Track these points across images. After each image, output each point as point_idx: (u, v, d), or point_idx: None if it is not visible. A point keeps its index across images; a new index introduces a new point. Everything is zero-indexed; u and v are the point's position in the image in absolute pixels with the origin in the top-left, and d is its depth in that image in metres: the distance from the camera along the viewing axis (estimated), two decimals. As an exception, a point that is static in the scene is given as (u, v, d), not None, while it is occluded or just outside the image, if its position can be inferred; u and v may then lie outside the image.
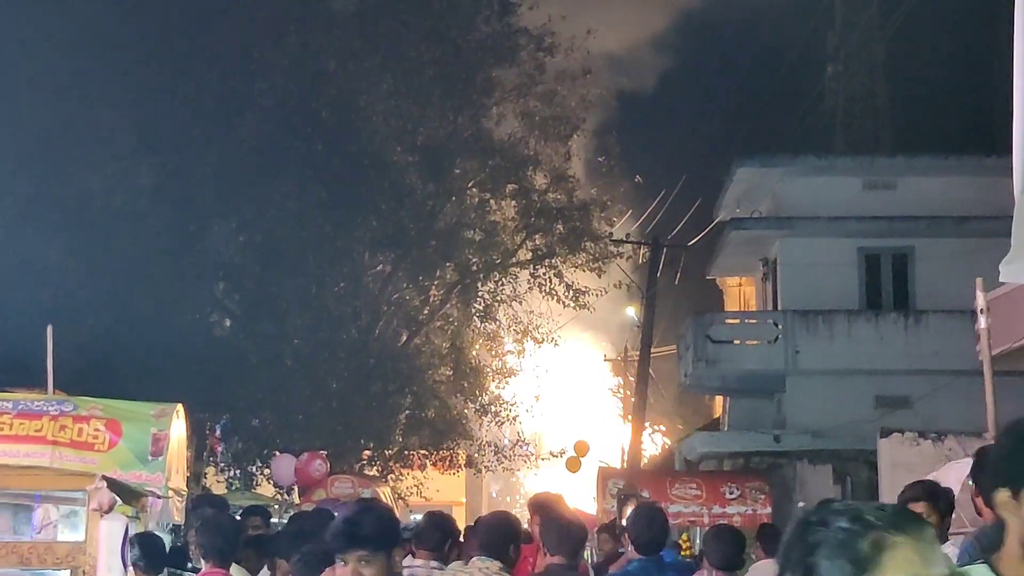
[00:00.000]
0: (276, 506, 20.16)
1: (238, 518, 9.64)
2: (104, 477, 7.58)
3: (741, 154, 27.19)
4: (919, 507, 6.99)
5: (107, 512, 7.51)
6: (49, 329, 10.72)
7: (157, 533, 8.78)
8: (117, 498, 7.62)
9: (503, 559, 7.73)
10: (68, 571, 7.51)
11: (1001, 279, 7.43)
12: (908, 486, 7.43)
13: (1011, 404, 9.05)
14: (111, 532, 7.58)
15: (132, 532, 7.82)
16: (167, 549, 8.91)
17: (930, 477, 10.71)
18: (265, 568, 8.04)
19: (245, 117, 26.49)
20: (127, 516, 8.04)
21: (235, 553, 7.37)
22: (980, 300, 9.42)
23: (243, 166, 25.92)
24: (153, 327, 23.92)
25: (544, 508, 9.23)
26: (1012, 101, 6.68)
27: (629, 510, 12.71)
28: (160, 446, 8.99)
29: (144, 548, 7.91)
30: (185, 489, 10.20)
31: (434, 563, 7.79)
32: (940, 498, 6.87)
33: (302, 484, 18.75)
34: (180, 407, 9.43)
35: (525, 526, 9.05)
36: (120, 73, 24.91)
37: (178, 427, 9.40)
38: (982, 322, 9.41)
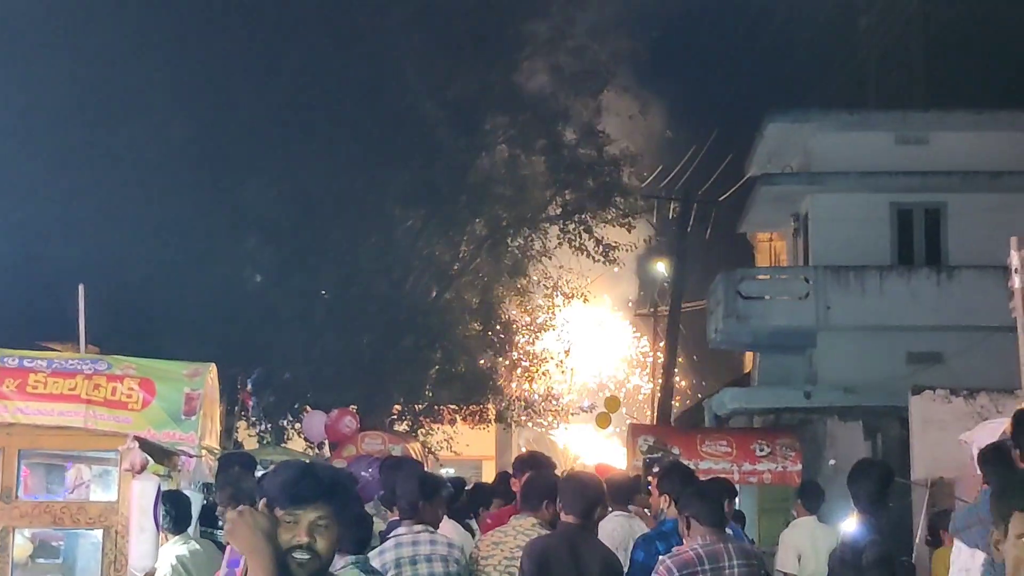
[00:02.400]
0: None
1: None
2: (136, 437, 7.62)
3: (772, 109, 26.98)
4: None
5: (139, 472, 7.55)
6: (81, 288, 10.79)
7: (188, 492, 8.82)
8: (149, 458, 7.66)
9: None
10: (100, 531, 7.54)
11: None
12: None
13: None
14: (143, 492, 7.63)
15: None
16: (199, 508, 8.96)
17: (964, 437, 10.70)
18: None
19: (278, 73, 26.44)
20: (159, 475, 8.09)
21: None
22: (1014, 258, 9.39)
23: (276, 121, 25.90)
24: (185, 282, 24.01)
25: (532, 466, 9.27)
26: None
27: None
28: (193, 405, 9.05)
29: (169, 506, 7.96)
30: (218, 447, 10.26)
31: (418, 527, 7.83)
32: None
33: (332, 440, 18.82)
34: (213, 367, 9.48)
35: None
36: (153, 28, 24.89)
37: (211, 386, 9.45)
38: (1016, 281, 9.37)
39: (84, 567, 8.19)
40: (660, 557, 7.08)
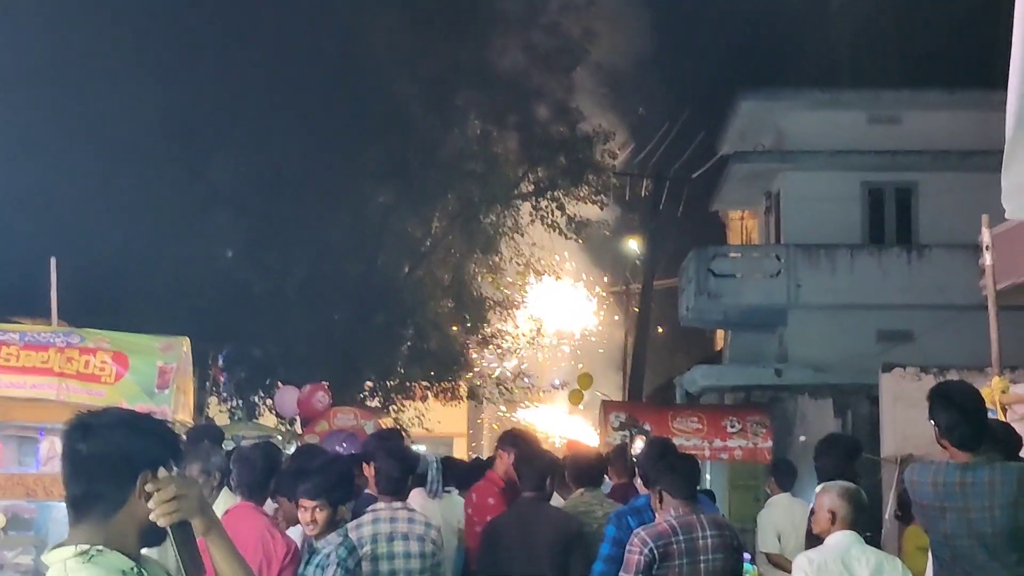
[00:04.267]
0: (280, 437, 20.24)
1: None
2: (110, 410, 7.57)
3: (745, 87, 27.02)
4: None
5: (114, 444, 7.50)
6: (52, 261, 10.73)
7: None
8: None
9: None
10: (74, 503, 7.49)
11: (1007, 216, 7.44)
12: None
13: (1014, 339, 9.07)
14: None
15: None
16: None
17: (933, 412, 10.74)
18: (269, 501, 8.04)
19: (249, 48, 26.31)
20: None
21: (268, 487, 7.31)
22: (985, 236, 9.40)
23: (247, 98, 25.79)
24: (156, 258, 23.91)
25: (517, 443, 9.33)
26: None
27: (639, 444, 12.79)
28: (166, 379, 9.03)
29: None
30: (191, 421, 10.23)
31: (397, 503, 7.85)
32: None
33: (305, 416, 18.77)
34: (186, 340, 9.44)
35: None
36: (123, 1, 24.73)
37: (184, 360, 9.42)
38: (987, 258, 9.39)
39: (57, 539, 8.13)
40: (635, 530, 7.15)
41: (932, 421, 5.96)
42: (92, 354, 8.93)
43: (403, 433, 10.26)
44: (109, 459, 3.30)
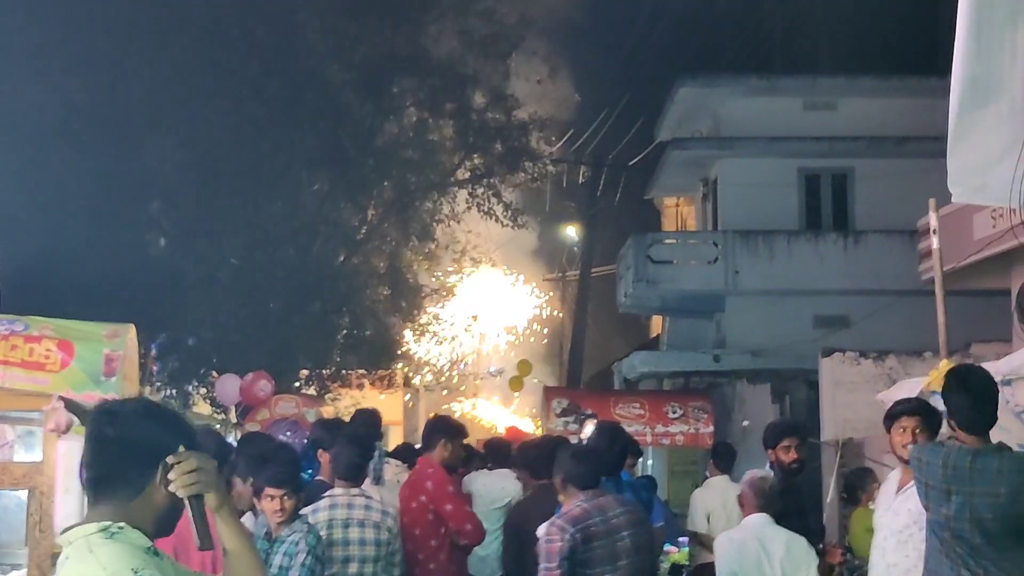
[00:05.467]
0: (219, 426, 20.00)
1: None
2: (61, 397, 7.42)
3: (683, 74, 27.06)
4: (912, 421, 7.08)
5: (64, 433, 7.37)
6: (-7, 248, 10.50)
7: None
8: (75, 418, 7.47)
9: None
10: (25, 492, 7.36)
11: (954, 199, 7.45)
12: (900, 401, 7.52)
13: (952, 323, 9.11)
14: (69, 453, 7.45)
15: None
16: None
17: (880, 396, 10.79)
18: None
19: (179, 34, 25.97)
20: (83, 436, 7.89)
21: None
22: (933, 220, 9.43)
23: (178, 84, 25.45)
24: (88, 247, 23.56)
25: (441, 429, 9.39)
26: (955, 21, 6.67)
27: (589, 428, 12.79)
28: (113, 366, 8.82)
29: None
30: (138, 409, 10.03)
31: (355, 490, 7.80)
32: (933, 415, 7.02)
33: (247, 403, 18.55)
34: (132, 327, 9.26)
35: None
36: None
37: (130, 347, 9.23)
38: (934, 241, 9.42)
39: (6, 528, 8.00)
40: (551, 520, 7.21)
41: (944, 402, 6.03)
42: (37, 342, 8.70)
43: (377, 414, 10.17)
44: (134, 444, 3.48)
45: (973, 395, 5.92)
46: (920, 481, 6.05)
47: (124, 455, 3.46)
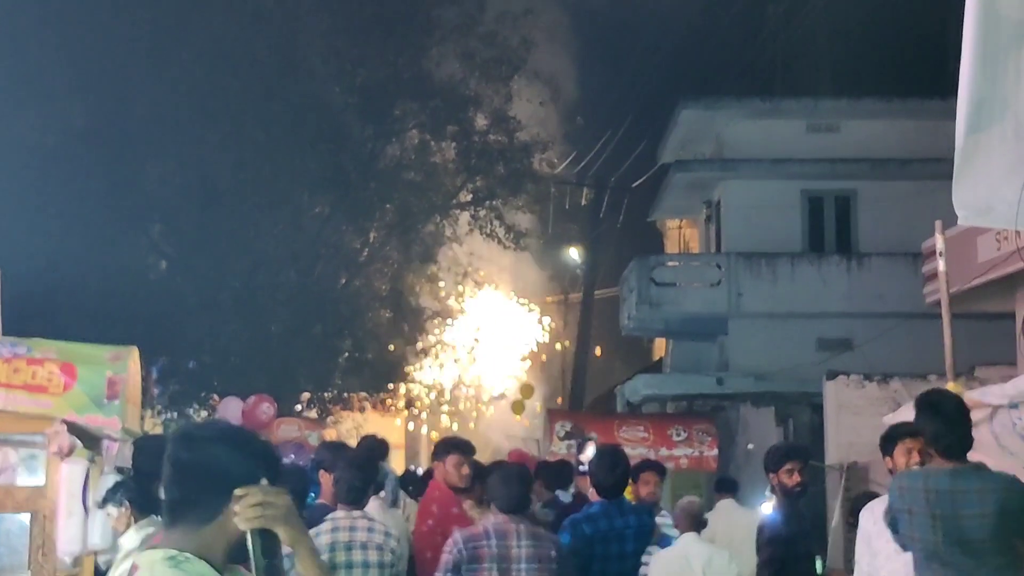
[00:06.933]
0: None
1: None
2: (64, 420, 7.38)
3: (685, 96, 27.04)
4: (917, 442, 7.02)
5: (67, 456, 7.32)
6: (-2, 272, 10.48)
7: (108, 476, 8.59)
8: (78, 441, 7.43)
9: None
10: (28, 515, 7.32)
11: (960, 222, 7.41)
12: (899, 424, 7.46)
13: (957, 346, 9.06)
14: (72, 476, 7.41)
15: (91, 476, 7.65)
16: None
17: (887, 419, 10.74)
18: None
19: (181, 57, 26.01)
20: (85, 459, 7.87)
21: None
22: (939, 242, 9.37)
23: (179, 107, 25.48)
24: (90, 270, 23.56)
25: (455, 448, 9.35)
26: (959, 43, 6.64)
27: (590, 452, 12.74)
28: (116, 389, 8.77)
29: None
30: (140, 431, 10.00)
31: (357, 512, 7.76)
32: None
33: (248, 426, 18.52)
34: (135, 350, 9.21)
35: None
36: (52, 12, 24.36)
37: (133, 370, 9.19)
38: (940, 264, 9.37)
39: (8, 552, 7.93)
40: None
41: (918, 429, 5.97)
42: (39, 364, 8.65)
43: (385, 445, 10.17)
44: (208, 470, 3.41)
45: (948, 419, 5.88)
46: (902, 510, 5.95)
47: (197, 480, 3.41)
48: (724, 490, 13.21)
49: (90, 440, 7.99)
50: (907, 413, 9.05)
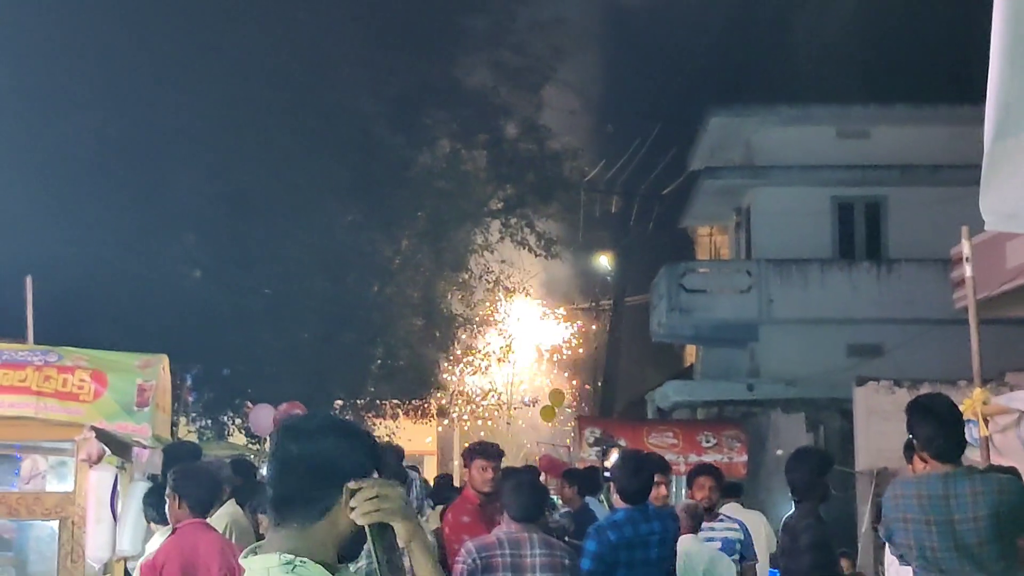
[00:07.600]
0: (253, 456, 20.08)
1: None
2: (92, 427, 7.47)
3: (715, 103, 27.07)
4: None
5: (96, 462, 7.41)
6: (28, 280, 10.61)
7: (139, 482, 8.70)
8: (106, 448, 7.52)
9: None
10: (57, 522, 7.41)
11: (987, 227, 7.42)
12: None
13: (987, 351, 9.06)
14: (100, 482, 7.49)
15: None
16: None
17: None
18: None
19: (212, 67, 26.16)
20: (114, 466, 7.96)
21: (214, 504, 7.33)
22: (966, 248, 9.37)
23: (211, 116, 25.61)
24: (122, 279, 23.69)
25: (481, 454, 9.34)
26: (988, 49, 6.64)
27: (614, 457, 12.80)
28: (146, 396, 8.86)
29: (155, 499, 7.85)
30: (170, 438, 10.12)
31: None
32: None
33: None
34: (165, 358, 9.32)
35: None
36: (85, 23, 24.53)
37: (163, 377, 9.30)
38: (967, 269, 9.37)
39: (38, 559, 8.05)
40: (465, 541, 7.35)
41: (911, 434, 5.94)
42: (70, 372, 8.75)
43: (401, 451, 10.20)
44: (317, 462, 3.28)
45: (941, 422, 5.83)
46: (896, 519, 5.88)
47: (307, 474, 3.27)
48: (729, 494, 13.26)
49: (120, 447, 8.09)
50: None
